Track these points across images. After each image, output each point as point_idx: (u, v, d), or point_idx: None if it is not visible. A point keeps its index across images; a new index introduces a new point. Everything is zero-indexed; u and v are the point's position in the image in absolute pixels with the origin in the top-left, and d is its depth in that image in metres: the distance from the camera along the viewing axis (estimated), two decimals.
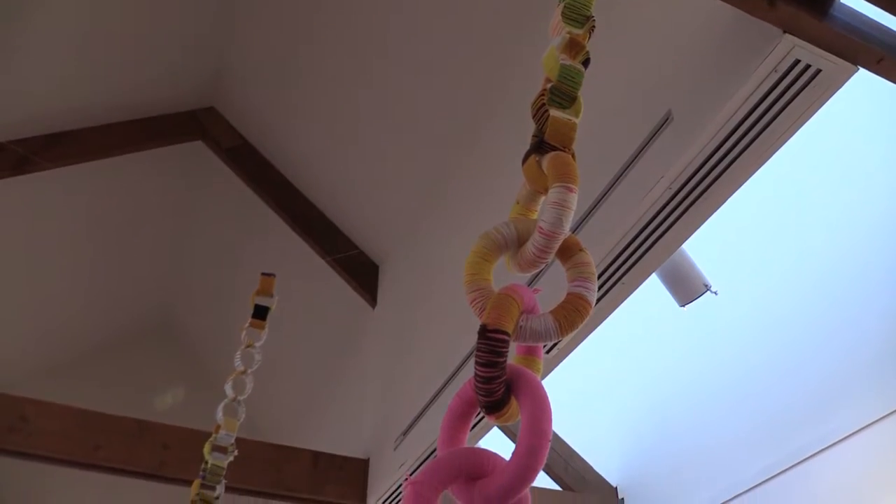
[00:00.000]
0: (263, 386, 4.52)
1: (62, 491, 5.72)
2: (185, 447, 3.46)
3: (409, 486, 0.60)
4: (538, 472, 0.61)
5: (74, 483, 5.56)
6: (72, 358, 6.12)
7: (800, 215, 3.40)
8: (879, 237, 2.99)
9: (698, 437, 3.80)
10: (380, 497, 3.61)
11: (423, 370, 3.39)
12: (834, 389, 3.05)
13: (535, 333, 0.69)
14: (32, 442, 3.32)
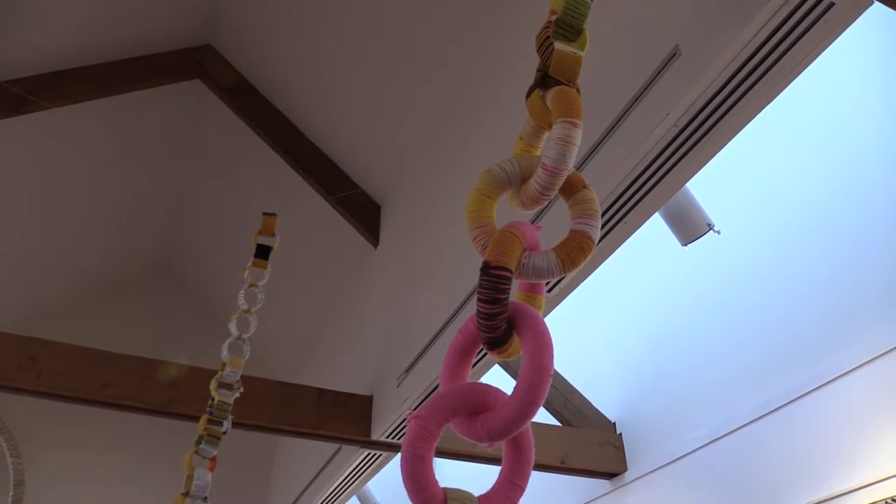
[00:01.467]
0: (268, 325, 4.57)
1: (71, 429, 5.86)
2: (193, 385, 3.53)
3: (412, 420, 0.61)
4: (539, 406, 0.62)
5: (83, 421, 5.70)
6: (78, 298, 6.18)
7: (803, 154, 3.37)
8: (882, 176, 2.97)
9: (696, 374, 3.86)
10: (383, 432, 3.69)
11: (425, 308, 3.42)
12: (834, 327, 3.07)
13: (538, 271, 0.68)
14: (41, 381, 3.37)
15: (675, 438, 3.90)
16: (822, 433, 3.03)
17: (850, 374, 2.95)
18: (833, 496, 2.85)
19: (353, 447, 4.01)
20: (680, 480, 3.79)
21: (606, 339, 4.65)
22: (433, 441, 0.61)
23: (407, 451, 0.60)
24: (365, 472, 4.31)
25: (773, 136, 3.51)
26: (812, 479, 2.99)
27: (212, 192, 5.68)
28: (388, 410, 3.62)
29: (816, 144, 3.31)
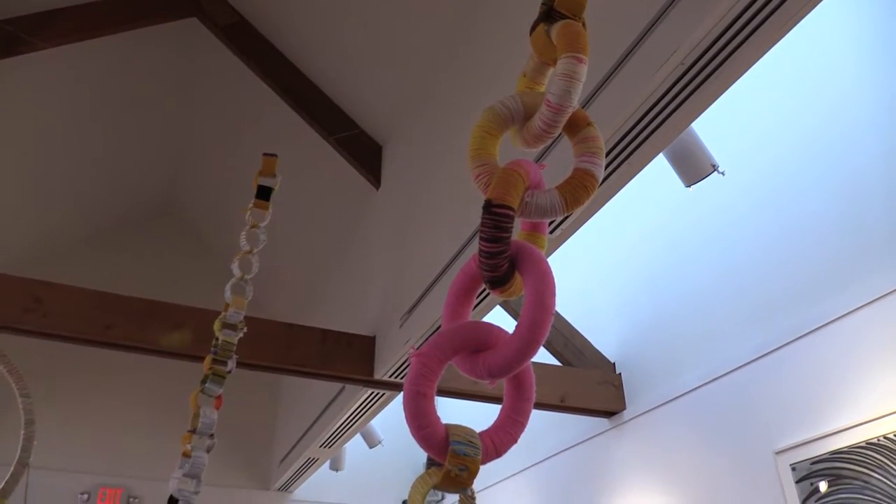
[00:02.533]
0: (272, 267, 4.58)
1: (77, 369, 5.95)
2: (196, 325, 3.56)
3: (414, 358, 0.61)
4: (540, 344, 0.62)
5: (89, 361, 5.79)
6: (81, 241, 6.20)
7: (808, 96, 3.31)
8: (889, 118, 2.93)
9: (696, 315, 3.89)
10: (386, 372, 3.74)
11: (427, 249, 3.42)
12: (833, 269, 3.08)
13: (541, 209, 0.68)
14: (47, 322, 3.41)
15: (673, 378, 3.97)
16: (819, 373, 3.07)
17: (848, 316, 2.98)
18: (828, 433, 2.91)
19: (356, 386, 4.08)
20: (678, 419, 3.86)
21: (607, 280, 4.68)
22: (435, 378, 0.61)
23: (409, 389, 0.60)
24: (368, 410, 4.40)
25: (778, 77, 3.45)
26: (809, 418, 3.05)
27: (212, 133, 5.62)
28: (391, 350, 3.66)
29: (821, 87, 3.26)
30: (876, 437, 2.71)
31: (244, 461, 6.46)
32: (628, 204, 4.23)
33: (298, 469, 5.77)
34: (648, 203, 4.29)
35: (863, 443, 2.76)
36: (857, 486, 2.74)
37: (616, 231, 4.57)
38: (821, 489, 2.89)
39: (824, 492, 2.87)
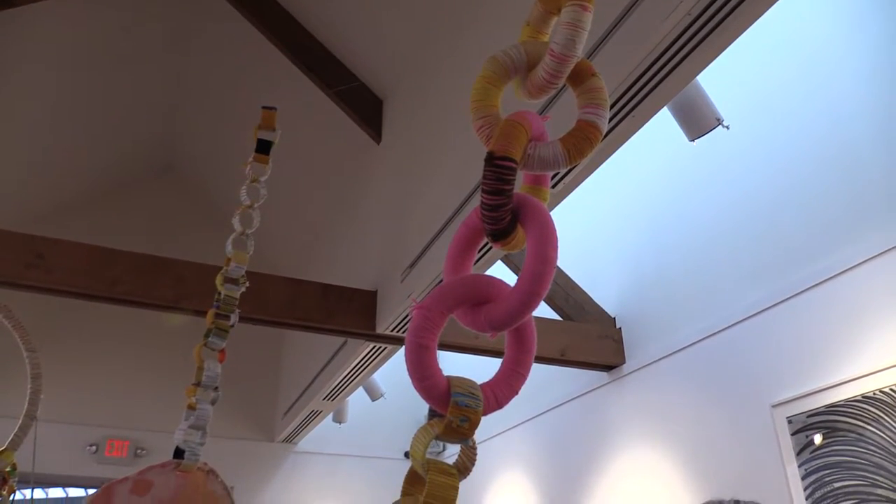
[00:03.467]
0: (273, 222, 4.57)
1: (82, 324, 6.00)
2: (199, 280, 3.58)
3: (415, 311, 0.61)
4: (542, 297, 0.62)
5: (93, 317, 5.85)
6: (83, 197, 6.19)
7: (814, 53, 3.26)
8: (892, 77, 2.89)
9: (696, 270, 3.90)
10: (387, 326, 3.77)
11: (429, 204, 3.41)
12: (836, 225, 3.07)
13: (543, 161, 0.67)
14: (50, 278, 3.42)
15: (673, 332, 3.99)
16: (816, 329, 3.09)
17: (846, 273, 2.99)
18: (825, 387, 2.94)
19: (358, 340, 4.11)
20: (677, 373, 3.90)
21: (608, 235, 4.67)
22: (437, 331, 0.61)
23: (411, 341, 0.60)
24: (370, 364, 4.45)
25: (784, 34, 3.38)
26: (805, 373, 3.08)
27: (212, 88, 5.56)
28: (393, 304, 3.68)
29: (827, 40, 3.20)
30: (872, 391, 2.74)
31: (249, 414, 6.57)
32: (630, 158, 4.20)
33: (302, 421, 5.87)
34: (650, 158, 4.26)
35: (858, 396, 2.79)
36: (852, 438, 2.79)
37: (618, 186, 4.55)
38: (815, 442, 2.93)
39: (819, 444, 2.91)
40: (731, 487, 3.37)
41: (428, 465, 0.60)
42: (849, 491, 2.74)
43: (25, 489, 2.15)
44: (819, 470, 2.89)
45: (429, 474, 0.60)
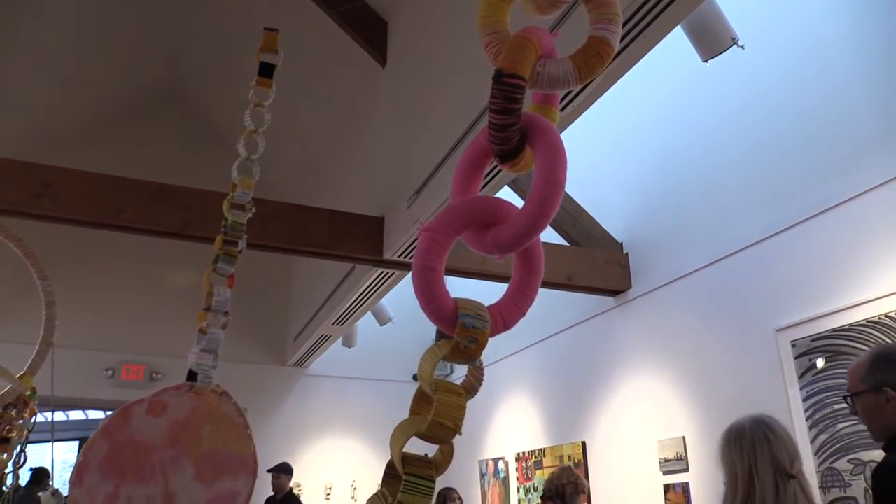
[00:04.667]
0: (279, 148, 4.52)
1: (93, 253, 6.05)
2: (206, 207, 3.58)
3: (422, 234, 0.61)
4: (550, 219, 0.61)
5: (102, 246, 5.89)
6: (89, 127, 6.13)
7: None
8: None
9: (704, 195, 3.87)
10: (395, 252, 3.78)
11: (435, 128, 3.36)
12: (844, 151, 3.02)
13: (553, 79, 0.65)
14: (58, 207, 3.42)
15: (679, 258, 4.00)
16: (823, 255, 3.08)
17: (853, 200, 2.96)
18: (830, 312, 2.95)
19: (365, 266, 4.14)
20: (683, 298, 3.93)
21: (617, 160, 4.62)
22: (444, 253, 0.61)
23: (418, 263, 0.60)
24: (378, 289, 4.49)
25: None
26: (811, 298, 3.09)
27: (214, 13, 5.41)
28: (400, 230, 3.68)
29: None
30: (877, 316, 2.75)
31: (261, 339, 6.69)
32: (640, 81, 4.11)
33: (312, 346, 5.98)
34: (661, 81, 4.16)
35: (863, 321, 2.80)
36: None
37: (627, 110, 4.47)
38: (818, 365, 2.97)
39: (821, 368, 2.95)
40: (733, 410, 3.44)
41: (436, 385, 0.61)
42: (848, 412, 2.79)
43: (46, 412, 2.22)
44: (820, 392, 2.94)
45: (437, 394, 0.60)
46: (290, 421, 6.53)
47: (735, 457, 1.60)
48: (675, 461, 3.76)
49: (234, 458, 1.08)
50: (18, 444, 1.76)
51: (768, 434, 1.59)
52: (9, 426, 1.76)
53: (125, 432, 0.98)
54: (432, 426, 0.59)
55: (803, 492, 1.53)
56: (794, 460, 1.57)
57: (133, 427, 0.99)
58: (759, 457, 1.55)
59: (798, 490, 1.52)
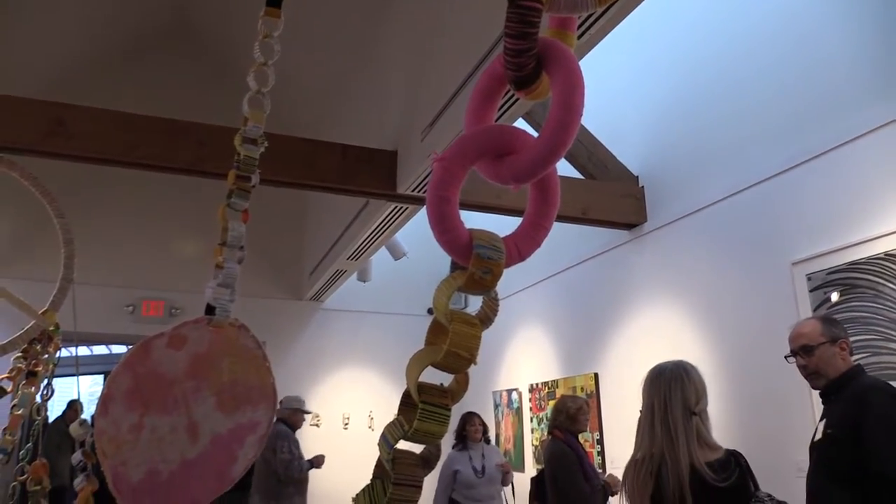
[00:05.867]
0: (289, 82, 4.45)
1: (107, 190, 6.08)
2: (219, 143, 3.56)
3: (436, 164, 0.60)
4: (567, 147, 0.60)
5: (115, 183, 5.91)
6: (99, 64, 6.06)
7: None
8: None
9: (721, 128, 3.80)
10: (408, 186, 3.76)
11: (449, 57, 3.29)
12: (862, 85, 2.94)
13: (570, 2, 0.62)
14: (71, 144, 3.42)
15: (695, 191, 3.95)
16: (841, 188, 3.03)
17: (872, 133, 2.89)
18: (847, 245, 2.93)
19: (379, 201, 4.13)
20: (698, 231, 3.90)
21: (635, 92, 4.52)
22: (458, 184, 0.60)
23: (432, 194, 0.59)
24: (392, 224, 4.49)
25: None
26: (828, 232, 3.06)
27: None
28: (413, 164, 3.65)
29: None
30: (895, 249, 2.73)
31: (277, 274, 6.76)
32: (659, 13, 3.99)
33: (328, 281, 6.03)
34: (682, 11, 4.04)
35: (881, 254, 2.78)
36: (870, 295, 2.81)
37: (644, 41, 4.35)
38: (832, 299, 2.96)
39: (836, 301, 2.95)
40: (745, 343, 3.46)
41: (451, 316, 0.61)
42: (862, 345, 2.80)
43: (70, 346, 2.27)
44: None
45: (452, 324, 0.61)
46: (308, 354, 6.66)
47: (654, 392, 1.90)
48: None
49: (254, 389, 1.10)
50: (45, 378, 1.81)
51: (683, 377, 1.88)
52: (35, 360, 1.80)
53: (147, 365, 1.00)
54: (447, 356, 0.59)
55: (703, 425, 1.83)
56: (700, 401, 1.86)
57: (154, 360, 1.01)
58: (673, 395, 1.83)
59: (699, 424, 1.82)
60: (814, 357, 2.07)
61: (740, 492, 1.75)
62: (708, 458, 1.77)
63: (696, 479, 1.72)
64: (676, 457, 1.75)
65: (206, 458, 1.01)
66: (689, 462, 1.74)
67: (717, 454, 1.82)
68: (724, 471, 1.77)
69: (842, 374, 2.03)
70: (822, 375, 2.07)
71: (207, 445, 1.02)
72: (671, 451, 1.77)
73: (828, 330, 2.08)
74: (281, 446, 4.54)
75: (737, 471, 1.78)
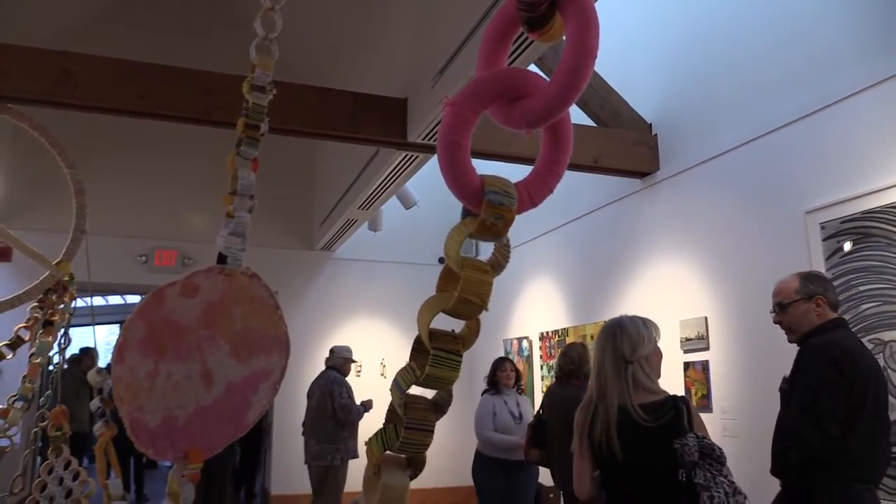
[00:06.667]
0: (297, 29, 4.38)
1: (117, 140, 6.06)
2: (227, 92, 3.52)
3: (448, 108, 0.59)
4: (581, 90, 0.58)
5: (124, 133, 5.89)
6: (106, 12, 5.97)
7: None
8: None
9: (736, 76, 3.72)
10: (419, 134, 3.72)
11: (459, 2, 3.21)
12: (875, 34, 2.86)
13: None
14: (78, 94, 3.39)
15: (709, 139, 3.89)
16: (856, 137, 2.98)
17: (891, 80, 2.82)
18: (862, 194, 2.89)
19: (389, 150, 4.10)
20: (712, 179, 3.86)
21: (648, 38, 4.42)
22: (470, 129, 0.59)
23: (444, 139, 0.58)
24: (403, 173, 4.47)
25: None
26: (842, 180, 3.02)
27: None
28: (424, 112, 3.61)
29: None
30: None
31: (288, 224, 6.78)
32: None
33: (339, 230, 6.04)
34: None
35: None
36: (883, 244, 2.79)
37: None
38: (845, 248, 2.94)
39: (848, 250, 2.93)
40: (756, 292, 3.45)
41: (462, 263, 0.61)
42: (873, 294, 2.79)
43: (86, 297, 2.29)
44: (847, 274, 2.93)
45: (463, 271, 0.60)
46: (320, 303, 6.72)
47: (597, 346, 2.06)
48: (697, 340, 3.83)
49: (267, 337, 1.11)
50: (62, 327, 1.83)
51: (617, 331, 2.00)
52: (51, 310, 1.83)
53: (160, 313, 1.01)
54: (459, 302, 0.59)
55: (642, 370, 1.95)
56: (636, 350, 1.97)
57: (167, 308, 1.02)
58: (606, 348, 1.99)
59: (637, 370, 1.95)
60: (787, 314, 2.20)
61: (668, 432, 1.85)
62: (643, 401, 1.91)
63: (624, 419, 1.88)
64: (606, 400, 1.93)
65: (220, 404, 1.03)
66: (617, 404, 1.91)
67: (654, 397, 1.93)
68: (656, 412, 1.89)
69: (814, 328, 2.13)
70: (795, 331, 2.20)
71: (222, 392, 1.04)
72: (602, 396, 1.95)
73: (804, 287, 2.18)
74: (339, 392, 4.76)
75: (671, 413, 1.88)
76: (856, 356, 2.01)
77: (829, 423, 1.94)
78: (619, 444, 1.86)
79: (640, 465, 1.86)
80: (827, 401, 1.96)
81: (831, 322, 2.14)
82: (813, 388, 1.99)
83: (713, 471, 1.78)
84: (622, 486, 1.91)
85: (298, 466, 6.39)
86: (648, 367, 1.97)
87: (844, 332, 2.14)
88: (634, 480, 1.87)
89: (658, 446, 1.83)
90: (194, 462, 0.97)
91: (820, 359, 2.03)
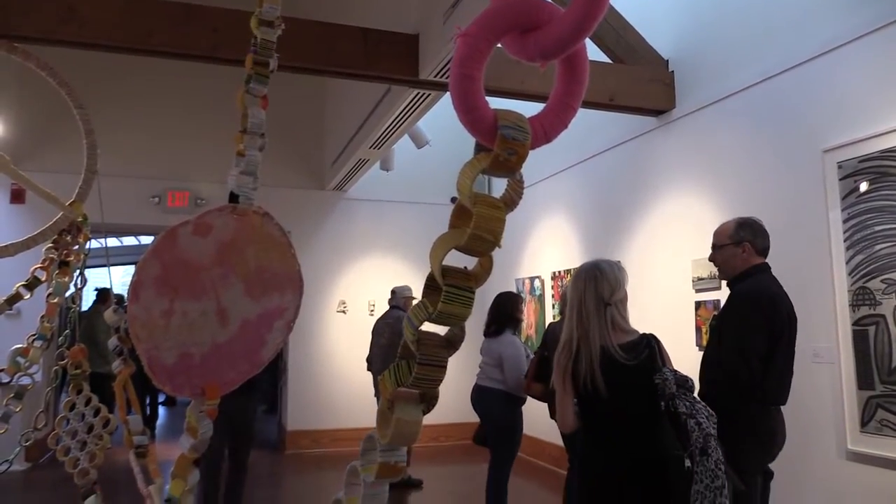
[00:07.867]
0: None
1: (125, 79, 6.01)
2: (235, 29, 3.46)
3: (460, 39, 0.57)
4: (598, 20, 0.56)
5: (130, 71, 5.83)
6: None
7: None
8: None
9: (755, 11, 3.61)
10: (431, 72, 3.66)
11: None
12: None
13: None
14: (84, 32, 3.34)
15: (726, 77, 3.80)
16: (875, 75, 2.90)
17: None
18: (881, 133, 2.82)
19: (401, 87, 4.04)
20: (728, 117, 3.78)
21: None
22: (483, 60, 0.57)
23: (456, 72, 0.57)
24: (414, 111, 4.41)
25: None
26: (861, 119, 2.95)
27: None
28: (436, 48, 3.54)
29: None
30: None
31: (299, 164, 6.75)
32: None
33: (350, 170, 6.02)
34: None
35: None
36: None
37: None
38: (861, 188, 2.90)
39: (865, 190, 2.88)
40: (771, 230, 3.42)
41: (475, 199, 0.60)
42: (888, 234, 2.76)
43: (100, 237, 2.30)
44: (862, 214, 2.89)
45: (476, 207, 0.59)
46: (332, 243, 6.75)
47: (573, 288, 2.13)
48: (709, 280, 3.82)
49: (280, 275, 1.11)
50: (77, 268, 1.85)
51: (597, 274, 2.10)
52: (66, 251, 1.84)
53: (174, 252, 1.01)
54: (471, 239, 0.59)
55: (619, 312, 2.08)
56: (614, 293, 2.09)
57: (181, 247, 1.02)
58: (587, 290, 2.08)
59: (614, 312, 2.07)
60: (718, 256, 2.48)
61: (647, 368, 1.99)
62: (621, 341, 2.04)
63: (606, 358, 2.00)
64: (589, 340, 2.03)
65: (236, 342, 1.04)
66: (599, 344, 2.02)
67: (630, 337, 2.07)
68: (634, 350, 2.02)
69: (739, 273, 2.42)
70: (723, 271, 2.50)
71: (237, 330, 1.05)
72: (585, 336, 2.05)
73: (736, 233, 2.44)
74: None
75: (646, 351, 2.03)
76: (777, 301, 2.32)
77: (754, 359, 2.23)
78: (602, 381, 1.98)
79: (623, 399, 1.99)
80: (752, 341, 2.25)
81: (754, 267, 2.40)
82: (741, 330, 2.27)
83: (689, 399, 1.93)
84: (605, 419, 2.04)
85: (313, 403, 6.55)
86: (623, 309, 2.11)
87: (767, 276, 2.40)
88: (617, 414, 2.01)
89: (638, 382, 1.98)
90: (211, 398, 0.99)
91: (747, 303, 2.31)
